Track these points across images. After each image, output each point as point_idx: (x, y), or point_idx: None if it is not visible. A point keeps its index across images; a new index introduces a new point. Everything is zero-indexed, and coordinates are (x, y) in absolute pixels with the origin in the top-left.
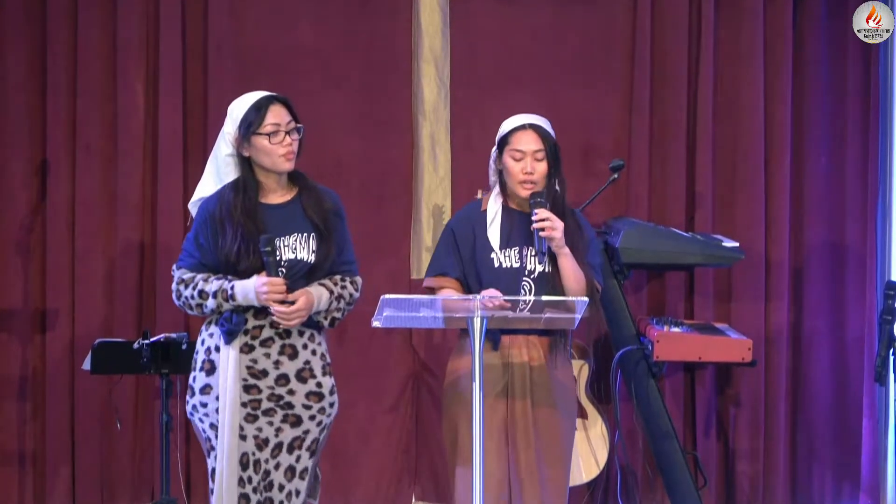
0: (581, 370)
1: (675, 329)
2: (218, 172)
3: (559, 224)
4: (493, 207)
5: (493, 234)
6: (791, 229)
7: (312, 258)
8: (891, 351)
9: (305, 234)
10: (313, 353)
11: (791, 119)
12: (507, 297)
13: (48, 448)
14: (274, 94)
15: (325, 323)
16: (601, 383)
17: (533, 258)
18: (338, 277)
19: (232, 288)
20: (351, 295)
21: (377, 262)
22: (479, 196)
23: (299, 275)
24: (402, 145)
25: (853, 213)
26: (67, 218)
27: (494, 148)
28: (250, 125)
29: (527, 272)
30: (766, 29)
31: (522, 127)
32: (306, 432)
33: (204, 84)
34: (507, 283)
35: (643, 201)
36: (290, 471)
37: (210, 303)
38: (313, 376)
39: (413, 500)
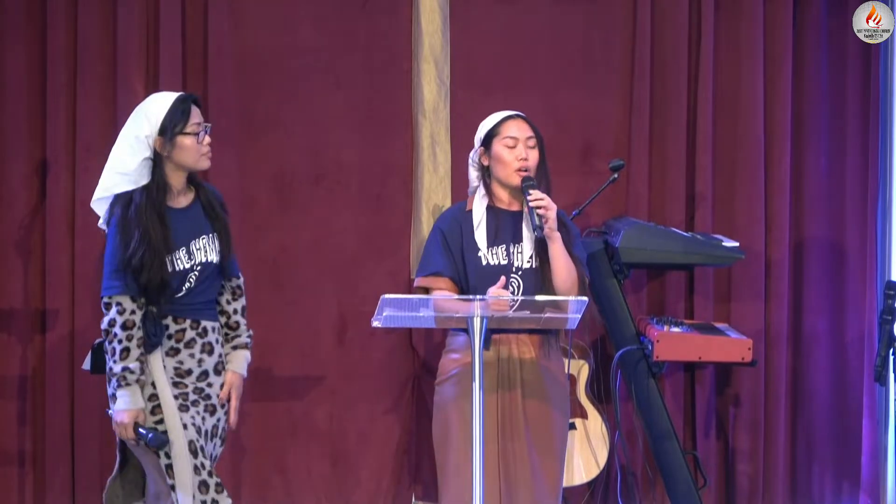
0: (581, 370)
1: (675, 329)
2: (129, 174)
3: (553, 205)
4: (479, 208)
5: (480, 233)
6: (791, 229)
7: (217, 258)
8: (891, 350)
9: (211, 235)
10: (222, 345)
11: (791, 119)
12: (516, 298)
13: (48, 448)
14: (186, 93)
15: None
16: (601, 383)
17: (520, 255)
18: (243, 327)
19: (117, 387)
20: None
21: (377, 262)
22: None
23: (208, 275)
24: (402, 145)
25: (853, 212)
26: (67, 218)
27: (476, 147)
28: (176, 125)
29: (514, 269)
30: (766, 29)
31: (511, 117)
32: (219, 420)
33: (204, 84)
34: (495, 281)
35: (643, 201)
36: (212, 458)
37: (112, 372)
38: (225, 368)
39: (413, 499)
